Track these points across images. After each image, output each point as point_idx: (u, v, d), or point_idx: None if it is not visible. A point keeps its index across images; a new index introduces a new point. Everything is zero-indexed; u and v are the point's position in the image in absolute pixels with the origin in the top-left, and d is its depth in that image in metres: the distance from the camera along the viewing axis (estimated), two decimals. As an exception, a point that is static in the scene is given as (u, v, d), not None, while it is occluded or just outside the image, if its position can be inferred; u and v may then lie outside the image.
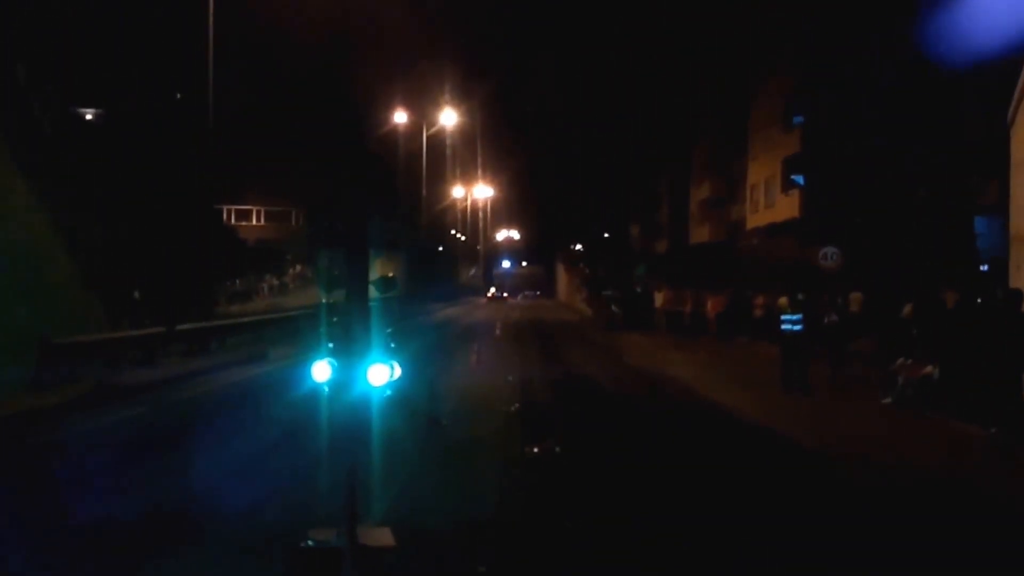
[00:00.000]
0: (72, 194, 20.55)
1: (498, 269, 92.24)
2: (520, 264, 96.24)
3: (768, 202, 35.14)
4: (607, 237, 67.38)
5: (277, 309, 32.57)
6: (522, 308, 56.38)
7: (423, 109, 51.30)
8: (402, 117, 47.68)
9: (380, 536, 5.57)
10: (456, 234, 75.71)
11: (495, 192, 79.57)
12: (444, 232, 68.89)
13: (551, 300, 72.75)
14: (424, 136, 51.07)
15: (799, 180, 30.97)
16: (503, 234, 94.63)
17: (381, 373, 5.58)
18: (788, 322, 13.81)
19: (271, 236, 53.58)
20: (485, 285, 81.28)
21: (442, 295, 53.33)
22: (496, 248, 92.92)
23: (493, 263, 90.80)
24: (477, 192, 75.20)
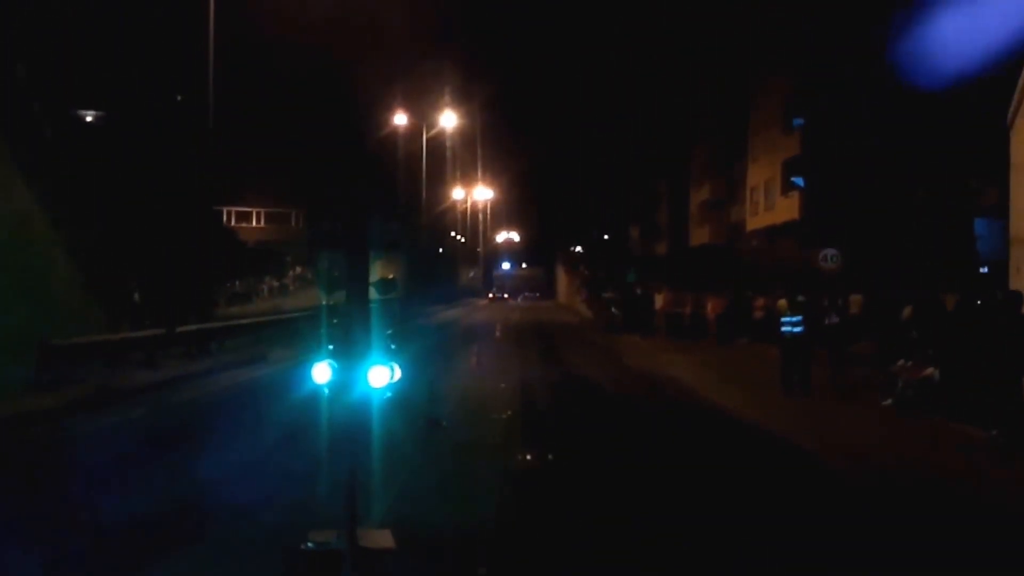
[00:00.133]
0: (72, 195, 20.54)
1: (498, 271, 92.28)
2: (520, 266, 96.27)
3: (768, 204, 35.17)
4: (607, 239, 67.42)
5: (277, 311, 32.53)
6: (522, 310, 56.40)
7: (423, 111, 51.31)
8: (402, 119, 47.69)
9: (380, 538, 5.57)
10: (456, 236, 75.70)
11: (495, 194, 79.60)
12: (444, 234, 68.87)
13: (551, 302, 72.73)
14: (424, 138, 51.08)
15: (799, 182, 31.01)
16: (503, 236, 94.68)
17: (381, 375, 5.57)
18: (788, 324, 13.81)
19: (271, 238, 53.62)
20: (485, 287, 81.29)
21: (442, 297, 53.29)
22: (496, 250, 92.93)
23: (493, 265, 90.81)
24: (477, 194, 75.20)
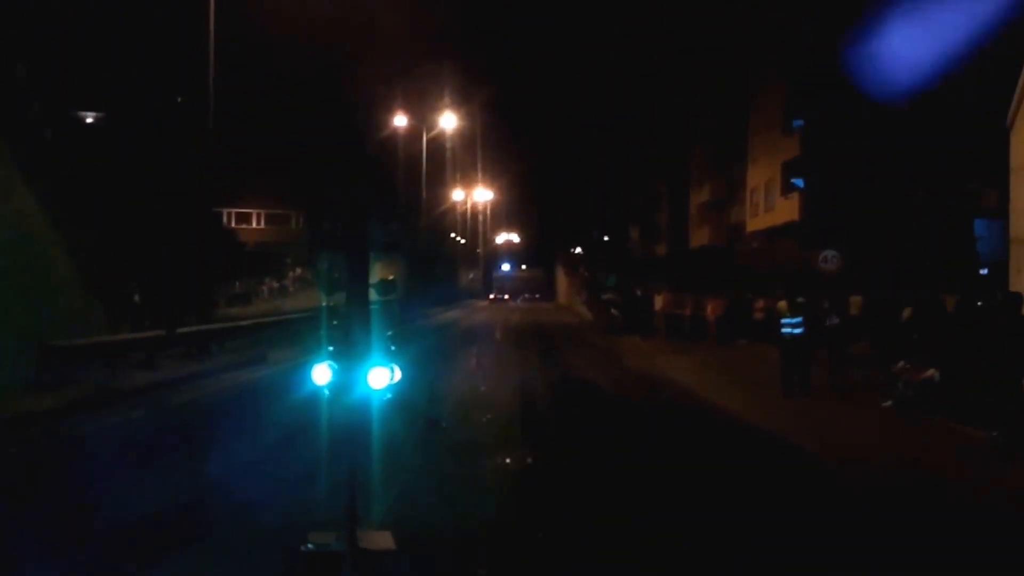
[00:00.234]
0: (72, 196, 20.52)
1: (498, 272, 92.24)
2: (520, 267, 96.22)
3: (768, 205, 35.15)
4: (607, 240, 67.42)
5: (277, 312, 32.55)
6: (522, 311, 56.39)
7: (423, 112, 51.33)
8: (402, 120, 47.71)
9: (380, 539, 5.56)
10: (456, 237, 75.70)
11: (495, 195, 79.63)
12: (444, 235, 68.88)
13: (551, 303, 72.71)
14: (424, 139, 51.09)
15: (799, 183, 31.01)
16: (503, 237, 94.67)
17: (381, 376, 5.57)
18: (788, 325, 13.79)
19: (271, 239, 53.60)
20: (484, 288, 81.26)
21: (442, 298, 53.29)
22: (496, 251, 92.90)
23: (493, 266, 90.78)
24: (477, 195, 75.22)
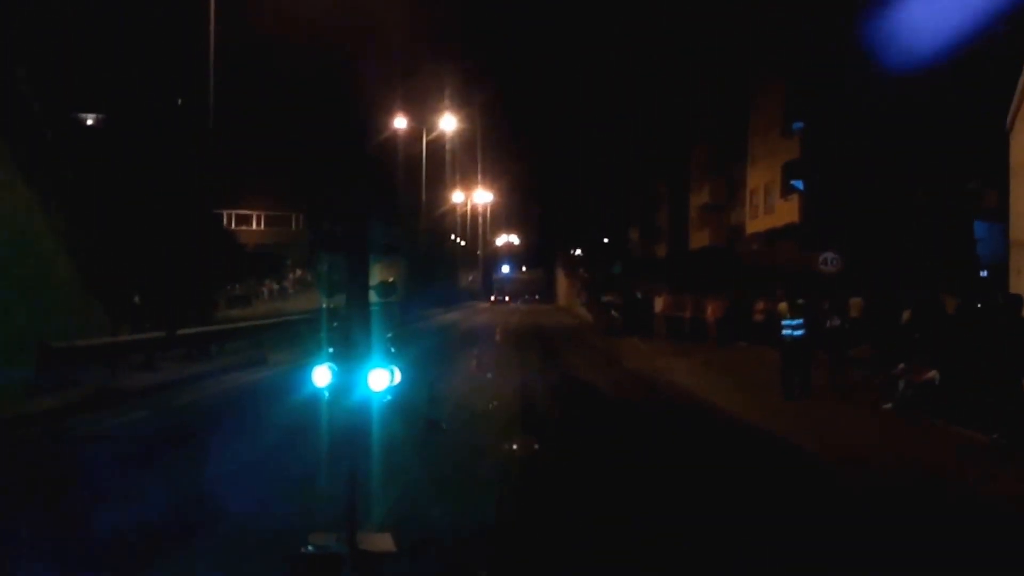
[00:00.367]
0: (72, 198, 20.53)
1: (498, 274, 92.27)
2: (520, 269, 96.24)
3: (768, 207, 35.15)
4: (606, 242, 67.40)
5: (277, 314, 32.51)
6: (522, 312, 56.39)
7: (423, 114, 51.36)
8: (402, 122, 47.74)
9: (380, 541, 5.56)
10: (456, 239, 75.74)
11: (495, 197, 79.69)
12: (444, 237, 68.90)
13: (551, 305, 72.69)
14: (424, 141, 51.12)
15: (799, 185, 31.02)
16: (503, 239, 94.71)
17: (381, 378, 5.57)
18: (789, 327, 13.77)
19: (271, 240, 53.58)
20: (484, 290, 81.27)
21: (442, 300, 53.29)
22: (496, 253, 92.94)
23: (493, 268, 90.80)
24: (477, 197, 75.27)
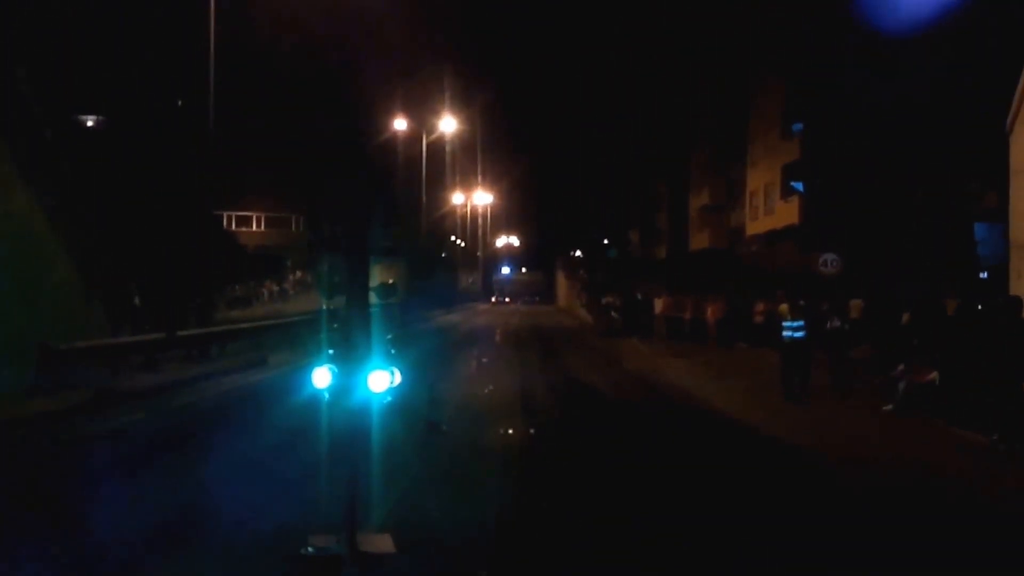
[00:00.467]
0: (73, 199, 20.54)
1: (498, 275, 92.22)
2: (520, 270, 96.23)
3: (768, 209, 35.17)
4: (606, 243, 67.44)
5: (277, 315, 32.50)
6: (521, 314, 56.33)
7: (423, 116, 51.41)
8: (402, 124, 47.77)
9: (380, 542, 5.57)
10: (456, 240, 75.76)
11: (494, 198, 79.77)
12: (444, 238, 68.95)
13: (551, 306, 72.61)
14: (424, 143, 51.14)
15: (798, 187, 31.04)
16: (503, 240, 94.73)
17: (381, 379, 5.58)
18: (790, 328, 13.75)
19: (271, 242, 53.61)
20: (485, 291, 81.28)
21: (442, 301, 53.26)
22: (496, 254, 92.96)
23: (493, 269, 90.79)
24: (477, 198, 75.31)
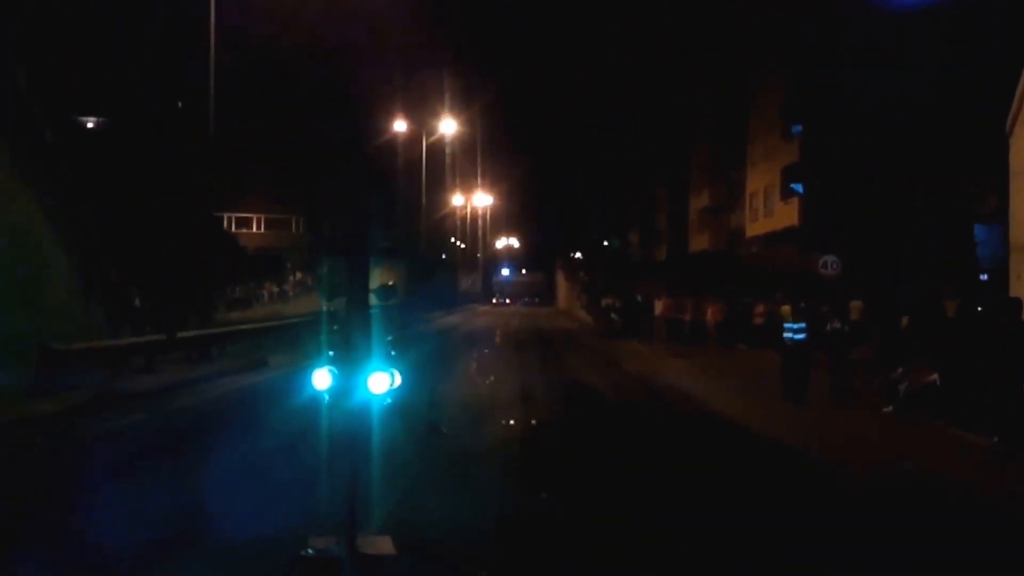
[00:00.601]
0: (73, 200, 20.56)
1: (498, 277, 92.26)
2: (520, 272, 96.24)
3: (767, 210, 35.19)
4: (606, 244, 67.46)
5: (277, 316, 32.49)
6: (521, 315, 56.34)
7: (423, 117, 51.43)
8: (402, 125, 47.79)
9: (380, 544, 5.57)
10: (456, 242, 75.77)
11: (494, 200, 79.77)
12: (444, 240, 68.95)
13: (551, 307, 72.63)
14: (424, 144, 51.16)
15: (798, 188, 31.06)
16: (502, 242, 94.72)
17: (381, 381, 5.58)
18: (791, 330, 13.72)
19: (271, 243, 53.63)
20: (485, 293, 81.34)
21: (442, 302, 53.24)
22: (495, 256, 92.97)
23: (493, 271, 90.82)
24: (476, 200, 75.32)
